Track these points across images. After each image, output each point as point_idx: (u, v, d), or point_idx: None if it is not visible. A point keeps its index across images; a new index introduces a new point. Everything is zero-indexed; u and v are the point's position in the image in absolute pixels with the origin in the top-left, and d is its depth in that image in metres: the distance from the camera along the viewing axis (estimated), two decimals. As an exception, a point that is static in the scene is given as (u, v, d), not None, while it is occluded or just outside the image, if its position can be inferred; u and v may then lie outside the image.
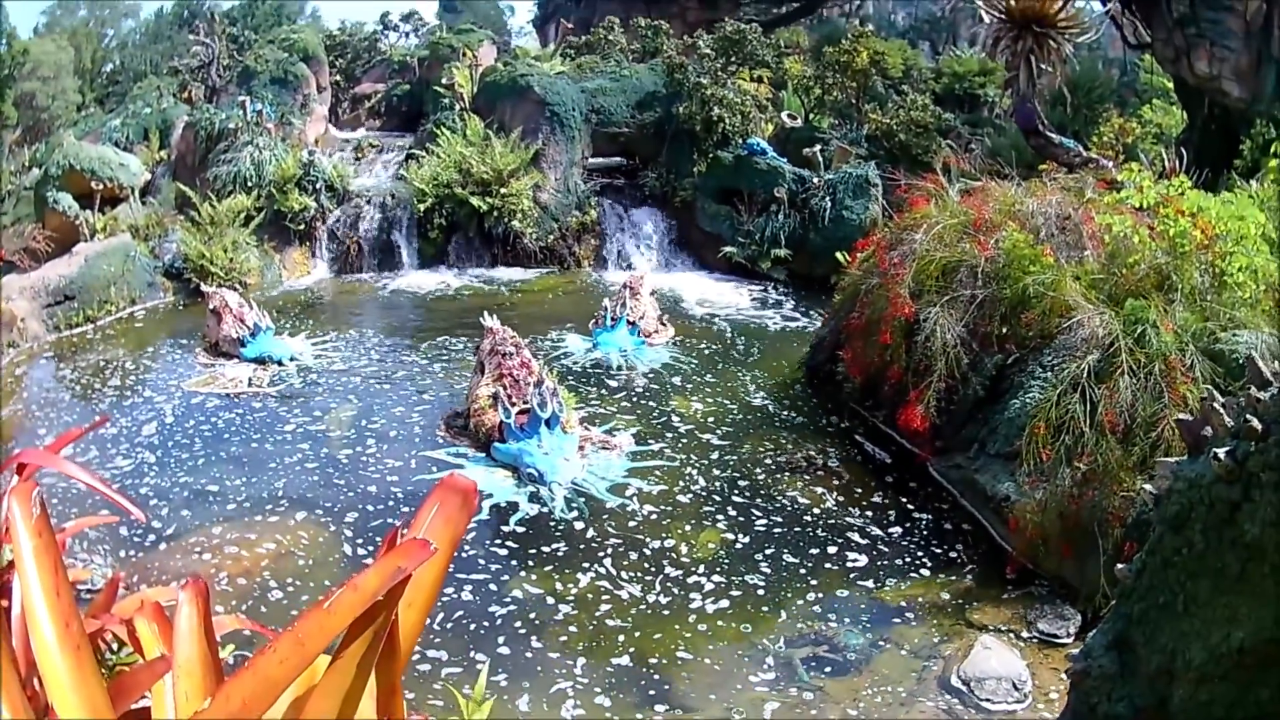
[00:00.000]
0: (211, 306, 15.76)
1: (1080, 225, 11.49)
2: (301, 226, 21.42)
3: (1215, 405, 4.84)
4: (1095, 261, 10.93)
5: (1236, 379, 8.05)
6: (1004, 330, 10.69)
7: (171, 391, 13.90)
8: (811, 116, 26.94)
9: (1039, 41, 17.58)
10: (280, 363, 14.73)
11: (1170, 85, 34.27)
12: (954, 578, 9.05)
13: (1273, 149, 13.39)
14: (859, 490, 10.77)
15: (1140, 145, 25.82)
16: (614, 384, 14.05)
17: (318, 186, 21.69)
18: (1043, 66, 17.88)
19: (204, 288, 17.40)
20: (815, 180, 21.32)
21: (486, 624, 8.17)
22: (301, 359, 15.01)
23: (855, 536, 9.67)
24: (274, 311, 16.77)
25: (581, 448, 11.26)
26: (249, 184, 21.34)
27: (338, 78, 31.94)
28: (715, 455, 11.58)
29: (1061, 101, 25.71)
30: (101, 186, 20.37)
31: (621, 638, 8.07)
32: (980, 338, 10.79)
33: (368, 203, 22.17)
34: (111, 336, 17.15)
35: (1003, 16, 17.83)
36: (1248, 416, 4.72)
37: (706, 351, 15.79)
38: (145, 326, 17.86)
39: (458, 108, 24.18)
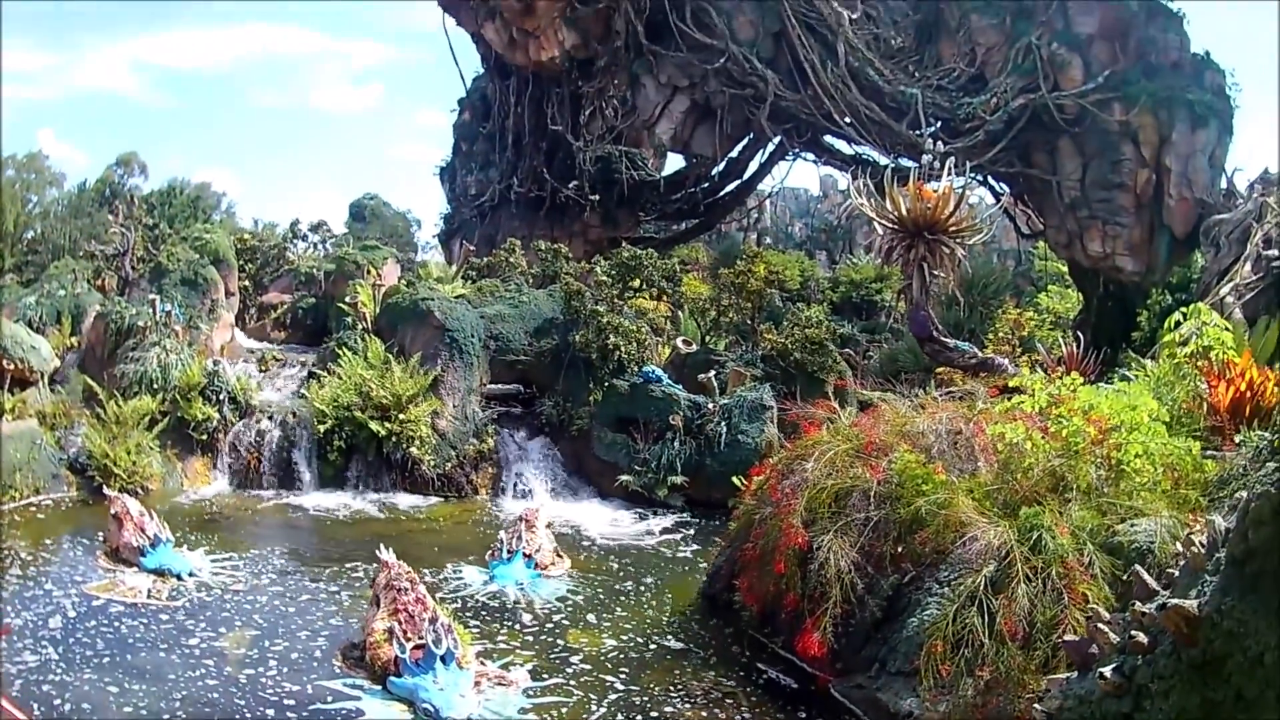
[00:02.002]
0: (113, 512, 15.53)
1: (971, 439, 11.70)
2: (204, 436, 21.36)
3: (1100, 625, 4.87)
4: (988, 473, 11.11)
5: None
6: (899, 550, 10.77)
7: (71, 590, 13.68)
8: (708, 339, 27.40)
9: (931, 248, 17.91)
10: (180, 576, 14.39)
11: (1065, 269, 35.55)
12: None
13: (1167, 322, 13.79)
14: None
15: (1037, 335, 26.48)
16: (511, 618, 13.77)
17: (221, 397, 21.74)
18: (936, 273, 18.20)
19: (106, 490, 17.23)
20: (710, 405, 21.67)
21: None
22: (200, 575, 14.68)
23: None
24: (174, 521, 16.56)
25: (478, 683, 11.01)
26: (154, 386, 21.39)
27: (246, 283, 32.10)
28: (614, 691, 11.30)
29: (956, 302, 26.32)
30: (12, 366, 20.23)
31: None
32: (875, 559, 10.85)
33: (270, 419, 22.14)
34: (15, 524, 16.92)
35: (895, 226, 18.20)
36: (1133, 632, 4.76)
37: (604, 583, 15.63)
38: (47, 520, 17.70)
39: (360, 327, 24.37)
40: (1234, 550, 4.86)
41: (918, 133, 29.97)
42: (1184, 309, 13.93)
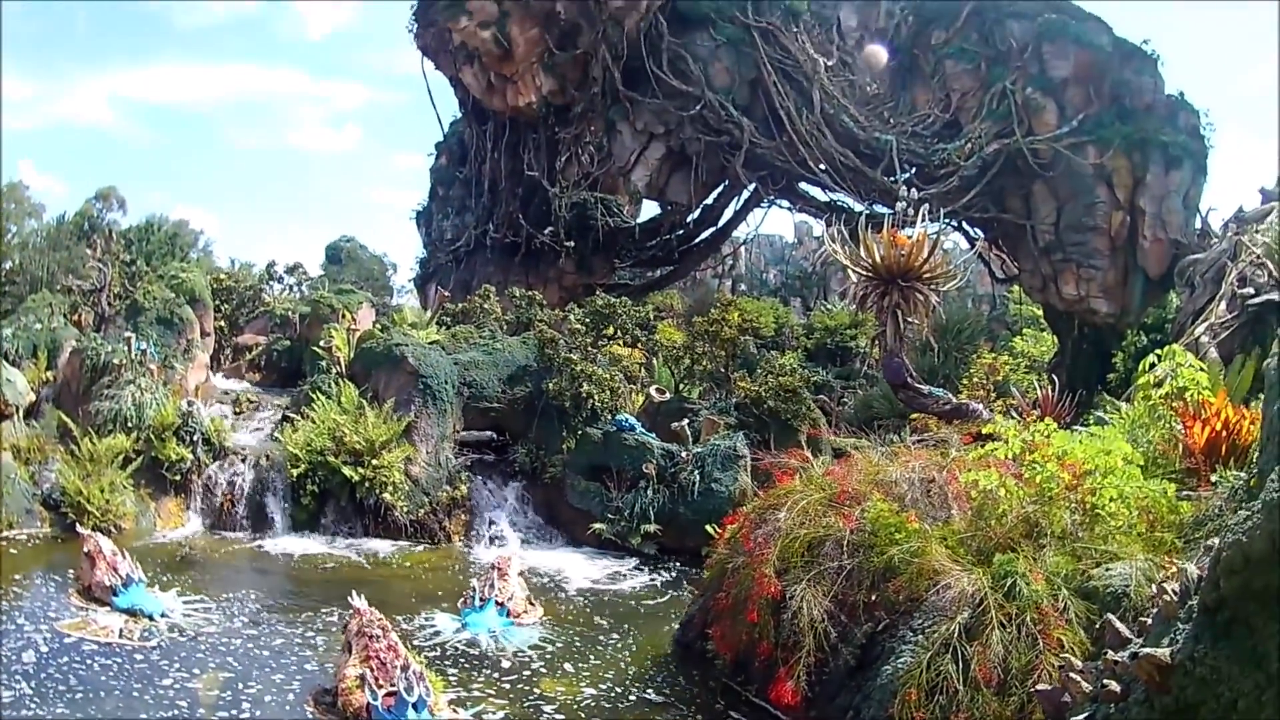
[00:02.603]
0: (86, 550, 15.59)
1: (945, 487, 11.69)
2: (178, 477, 21.30)
3: (1072, 673, 4.83)
4: (962, 520, 11.09)
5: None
6: (872, 598, 10.74)
7: (42, 627, 13.62)
8: (681, 387, 27.35)
9: (905, 295, 17.85)
10: (152, 617, 14.31)
11: (1040, 312, 35.59)
12: None
13: (1142, 364, 13.80)
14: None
15: (1012, 379, 26.47)
16: (483, 666, 13.64)
17: (195, 438, 21.71)
18: (910, 319, 18.14)
19: (79, 529, 17.29)
20: (684, 454, 21.64)
21: None
22: (172, 616, 14.59)
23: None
24: (146, 561, 16.48)
25: (449, 731, 10.95)
26: (129, 425, 21.37)
27: (222, 324, 32.04)
28: (588, 741, 11.28)
29: (931, 348, 26.31)
30: (-13, 400, 20.12)
31: None
32: (849, 608, 10.81)
33: (243, 461, 22.11)
34: (-14, 558, 16.91)
35: (869, 272, 18.15)
36: (1105, 680, 4.71)
37: (577, 631, 15.52)
38: (20, 555, 17.64)
39: (334, 371, 24.32)
40: (1206, 598, 4.83)
41: (892, 179, 30.07)
42: (1159, 350, 13.99)
